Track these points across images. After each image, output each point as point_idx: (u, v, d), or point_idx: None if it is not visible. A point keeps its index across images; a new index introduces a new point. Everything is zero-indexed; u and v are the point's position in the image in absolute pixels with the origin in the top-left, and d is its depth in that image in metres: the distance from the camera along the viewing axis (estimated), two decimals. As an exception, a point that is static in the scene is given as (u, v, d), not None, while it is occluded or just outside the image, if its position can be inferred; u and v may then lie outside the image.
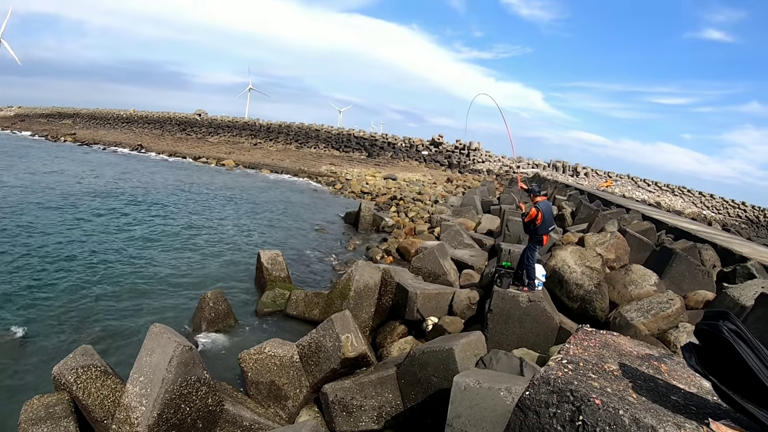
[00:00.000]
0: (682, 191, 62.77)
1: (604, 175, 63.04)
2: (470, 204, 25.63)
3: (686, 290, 10.20)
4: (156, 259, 14.69)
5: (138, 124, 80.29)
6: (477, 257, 14.31)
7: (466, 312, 10.02)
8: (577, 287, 9.33)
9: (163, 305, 11.24)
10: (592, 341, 3.23)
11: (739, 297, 8.60)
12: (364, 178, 43.96)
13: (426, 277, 11.91)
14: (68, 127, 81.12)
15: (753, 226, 56.80)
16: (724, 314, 2.40)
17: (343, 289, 10.23)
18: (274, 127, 72.15)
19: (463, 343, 6.75)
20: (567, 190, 33.55)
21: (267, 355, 7.36)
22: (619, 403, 2.39)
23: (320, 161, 56.83)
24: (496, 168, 61.39)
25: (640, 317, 8.21)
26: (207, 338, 9.64)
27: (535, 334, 8.37)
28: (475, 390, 5.04)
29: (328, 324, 7.54)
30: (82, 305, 10.70)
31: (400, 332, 9.86)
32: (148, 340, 5.97)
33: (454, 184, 44.86)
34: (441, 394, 6.16)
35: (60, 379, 5.97)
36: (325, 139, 68.07)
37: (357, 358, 7.36)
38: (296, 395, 7.28)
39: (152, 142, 65.89)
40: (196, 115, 79.60)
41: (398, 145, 65.16)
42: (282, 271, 12.61)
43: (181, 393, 5.63)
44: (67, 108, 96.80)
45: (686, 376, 2.98)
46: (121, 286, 12.06)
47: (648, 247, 13.17)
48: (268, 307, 11.30)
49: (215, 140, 70.10)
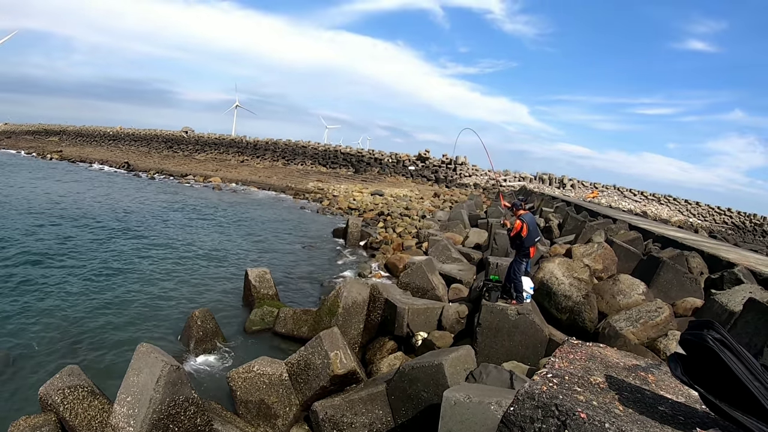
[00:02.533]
0: (668, 200, 63.52)
1: (590, 186, 63.61)
2: (457, 218, 25.71)
3: (674, 298, 10.26)
4: (142, 278, 14.52)
5: (125, 142, 79.99)
6: (465, 271, 14.32)
7: (455, 326, 10.01)
8: (566, 299, 9.36)
9: (150, 324, 11.10)
10: (578, 354, 3.23)
11: (727, 303, 8.65)
12: (351, 194, 43.92)
13: (414, 292, 11.90)
14: (55, 144, 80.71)
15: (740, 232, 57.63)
16: (709, 323, 2.41)
17: (331, 306, 10.18)
18: (261, 144, 72.10)
19: (453, 358, 6.74)
20: (554, 202, 33.79)
21: (256, 373, 7.29)
22: (605, 416, 2.37)
23: (307, 178, 56.83)
24: (482, 182, 61.70)
25: (629, 326, 8.25)
26: (195, 357, 9.52)
27: (525, 347, 8.38)
28: (465, 404, 5.02)
29: (316, 341, 7.50)
30: (67, 325, 10.53)
31: (389, 348, 9.81)
32: (135, 359, 5.90)
33: (441, 198, 44.94)
34: (431, 410, 6.13)
35: (47, 400, 5.90)
36: (312, 156, 68.12)
37: (346, 375, 7.32)
38: (286, 414, 7.21)
39: (139, 160, 65.54)
40: (182, 133, 79.38)
41: (385, 161, 65.34)
42: (270, 289, 12.54)
43: (169, 413, 5.55)
44: (54, 125, 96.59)
45: (674, 386, 2.98)
46: (107, 305, 11.89)
47: (635, 256, 13.26)
48: (257, 325, 11.20)
49: (202, 157, 69.86)
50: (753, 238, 55.14)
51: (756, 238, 55.67)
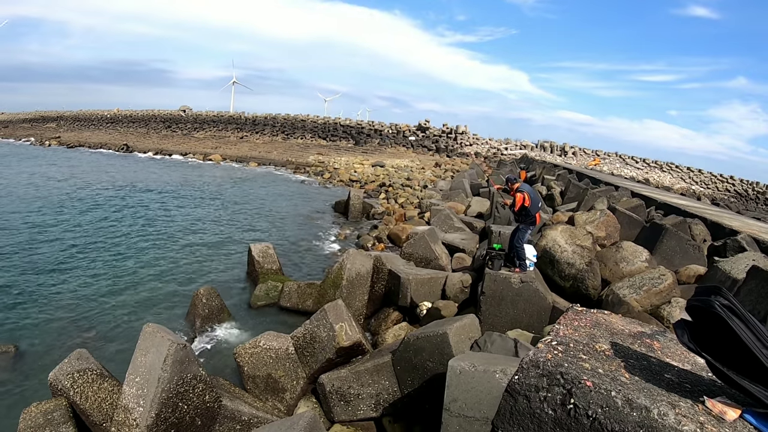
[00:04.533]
0: (670, 167, 63.15)
1: (592, 153, 63.26)
2: (459, 188, 25.62)
3: (677, 265, 10.26)
4: (145, 257, 14.57)
5: (123, 124, 79.05)
6: (468, 240, 14.32)
7: (459, 295, 10.04)
8: (569, 266, 9.35)
9: (156, 304, 11.17)
10: (582, 321, 3.20)
11: (730, 270, 8.65)
12: (352, 167, 43.76)
13: (418, 262, 11.91)
14: (53, 130, 79.90)
15: (742, 200, 57.35)
16: (716, 289, 2.37)
17: (335, 279, 10.20)
18: (259, 119, 71.49)
19: (457, 327, 6.75)
20: (555, 170, 33.62)
21: (262, 348, 7.34)
22: (612, 384, 2.36)
23: (307, 151, 56.50)
24: (483, 150, 61.42)
25: (633, 294, 8.26)
26: (201, 335, 9.59)
27: (529, 315, 8.41)
28: (470, 373, 5.03)
29: (321, 314, 7.51)
30: (73, 309, 10.59)
31: (394, 319, 9.87)
32: (141, 339, 5.92)
33: (443, 168, 44.77)
34: (437, 379, 6.17)
35: (56, 385, 5.92)
36: (312, 129, 67.67)
37: (352, 346, 7.35)
38: (293, 387, 7.27)
39: (138, 141, 64.99)
40: (180, 112, 78.60)
41: (385, 132, 64.95)
42: (273, 264, 12.56)
43: (178, 391, 5.59)
44: (51, 111, 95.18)
45: (680, 353, 2.96)
46: (111, 286, 11.95)
47: (638, 223, 13.23)
48: (261, 300, 11.25)
49: (201, 135, 69.35)
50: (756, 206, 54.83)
51: (758, 206, 55.31)
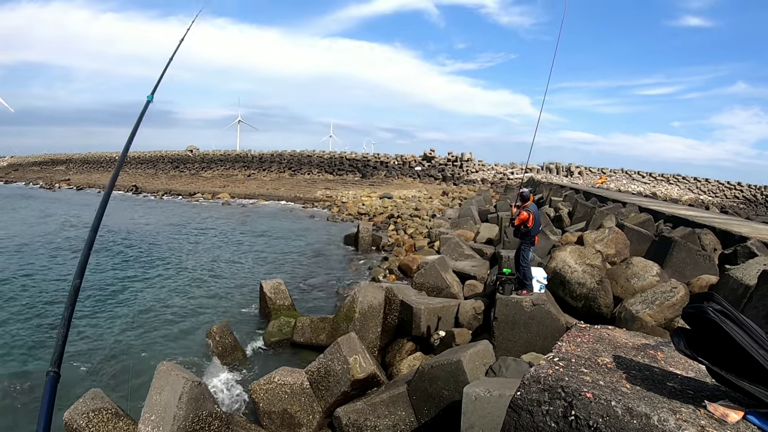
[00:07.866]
0: (677, 179, 62.92)
1: (597, 172, 63.21)
2: (467, 215, 25.71)
3: (689, 277, 10.20)
4: (158, 296, 14.71)
5: (131, 165, 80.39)
6: (479, 267, 14.33)
7: (472, 322, 10.03)
8: (580, 286, 9.36)
9: (170, 341, 11.26)
10: (585, 337, 3.26)
11: (742, 277, 8.58)
12: (360, 200, 44.04)
13: (429, 291, 11.91)
14: (62, 173, 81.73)
15: (751, 205, 56.81)
16: (709, 295, 2.44)
17: (347, 312, 10.24)
18: (266, 156, 72.44)
19: (471, 353, 6.76)
20: (562, 191, 33.61)
21: (277, 384, 7.37)
22: (612, 394, 2.40)
23: (315, 186, 57.04)
24: (490, 176, 61.60)
25: (646, 309, 8.24)
26: (216, 372, 9.62)
27: (543, 338, 8.38)
28: (486, 399, 5.05)
29: (335, 347, 7.55)
30: (87, 348, 10.69)
31: (408, 349, 9.85)
32: (156, 378, 6.00)
33: (450, 196, 44.94)
34: (453, 407, 6.15)
35: (71, 425, 5.98)
36: (318, 164, 68.38)
37: (366, 378, 7.36)
38: (309, 422, 7.27)
39: (147, 182, 66.19)
40: (188, 152, 79.96)
41: (391, 164, 65.49)
42: (286, 300, 12.62)
43: (194, 429, 5.64)
44: (60, 154, 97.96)
45: (684, 362, 2.99)
46: (125, 325, 12.07)
47: (647, 238, 13.20)
48: (275, 337, 11.28)
49: (209, 175, 70.30)
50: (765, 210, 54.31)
51: (767, 210, 54.89)
